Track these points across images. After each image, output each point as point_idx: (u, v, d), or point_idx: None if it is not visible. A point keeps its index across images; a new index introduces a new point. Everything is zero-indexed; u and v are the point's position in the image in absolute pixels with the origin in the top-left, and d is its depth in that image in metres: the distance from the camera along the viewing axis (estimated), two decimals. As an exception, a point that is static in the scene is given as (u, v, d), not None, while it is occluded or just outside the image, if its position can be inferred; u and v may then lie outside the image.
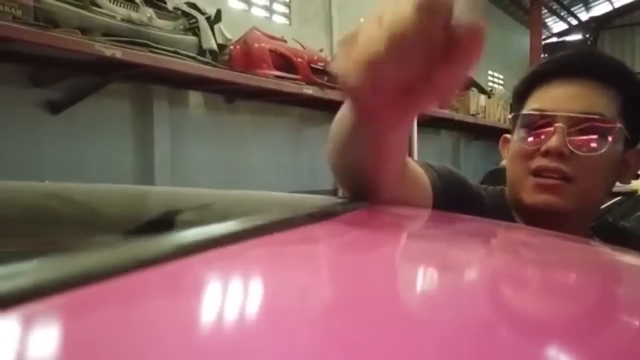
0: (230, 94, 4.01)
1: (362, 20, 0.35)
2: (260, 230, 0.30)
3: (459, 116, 6.33)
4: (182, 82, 3.51)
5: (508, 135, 0.72)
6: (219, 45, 3.55)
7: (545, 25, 11.33)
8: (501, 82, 10.17)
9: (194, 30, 3.34)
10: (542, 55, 9.62)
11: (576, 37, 12.36)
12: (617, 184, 0.68)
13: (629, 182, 0.67)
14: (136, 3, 2.99)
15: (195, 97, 3.92)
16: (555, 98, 0.63)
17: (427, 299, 0.23)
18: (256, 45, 3.78)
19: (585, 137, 0.62)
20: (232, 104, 4.15)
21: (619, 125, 0.62)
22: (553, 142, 0.61)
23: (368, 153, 0.43)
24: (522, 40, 9.87)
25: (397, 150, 0.45)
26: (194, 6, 3.54)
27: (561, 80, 0.64)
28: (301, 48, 4.15)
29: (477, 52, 0.32)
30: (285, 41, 4.12)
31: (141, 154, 3.49)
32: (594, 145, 0.61)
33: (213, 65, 3.35)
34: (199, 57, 3.26)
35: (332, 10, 5.44)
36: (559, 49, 11.69)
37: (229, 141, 4.12)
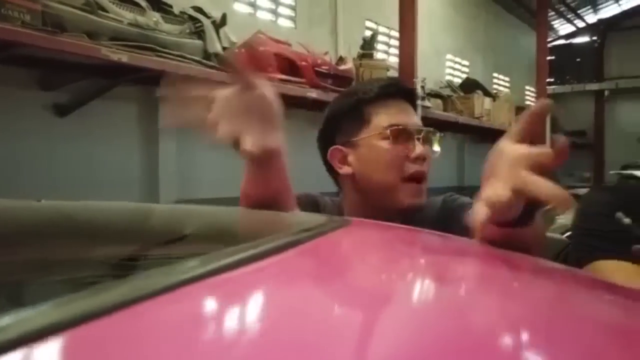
0: (235, 97, 4.04)
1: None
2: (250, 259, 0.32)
3: (462, 119, 6.33)
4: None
5: (341, 147, 0.85)
6: (224, 49, 3.58)
7: (551, 28, 11.27)
8: (507, 84, 10.14)
9: (200, 34, 3.37)
10: (549, 58, 9.58)
11: (583, 39, 12.31)
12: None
13: None
14: (143, 7, 3.03)
15: (200, 100, 3.95)
16: (396, 114, 0.83)
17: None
18: (261, 48, 3.82)
19: (427, 145, 0.84)
20: (237, 107, 4.18)
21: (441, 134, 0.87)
22: (421, 149, 0.80)
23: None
24: (528, 42, 9.84)
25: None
26: (199, 10, 3.57)
27: (389, 102, 0.84)
28: (305, 51, 4.18)
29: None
30: (290, 45, 4.14)
31: (147, 157, 3.53)
32: (436, 149, 0.86)
33: (219, 69, 3.38)
34: (204, 60, 3.30)
35: (337, 13, 5.46)
36: (566, 51, 11.58)
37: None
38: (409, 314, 0.27)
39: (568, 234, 2.66)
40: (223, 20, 3.69)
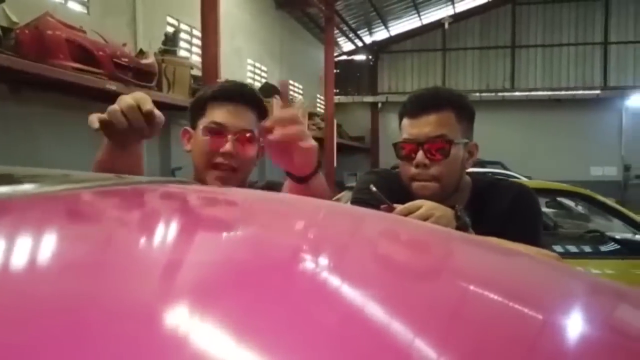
0: (17, 83, 3.57)
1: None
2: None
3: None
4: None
5: (189, 129, 1.04)
6: (2, 28, 3.15)
7: (337, 44, 12.69)
8: (301, 92, 11.04)
9: (-29, 8, 2.90)
10: (335, 71, 10.78)
11: (362, 57, 14.16)
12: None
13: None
14: None
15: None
16: (223, 113, 0.99)
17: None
18: (49, 32, 3.46)
19: (245, 145, 1.00)
20: (18, 94, 3.69)
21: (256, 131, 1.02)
22: (229, 146, 0.96)
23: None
24: (319, 55, 10.90)
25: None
26: (-31, -20, 3.07)
27: (223, 104, 0.99)
28: (103, 41, 3.93)
29: None
30: (84, 32, 3.84)
31: None
32: (249, 151, 1.01)
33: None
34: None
35: (136, 4, 5.22)
36: (348, 66, 13.09)
37: (14, 136, 3.65)
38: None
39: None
40: (0, -4, 3.24)
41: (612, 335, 0.25)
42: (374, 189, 0.88)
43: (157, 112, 0.78)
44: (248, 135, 0.98)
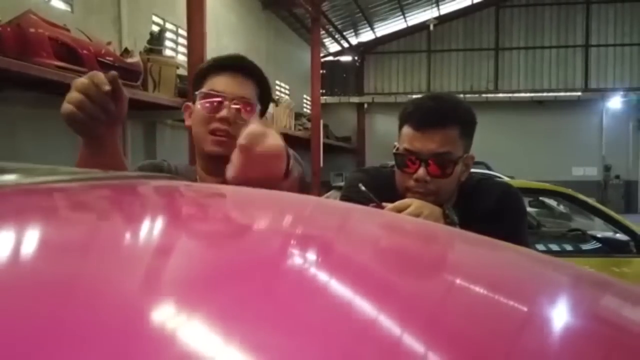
0: (-2, 82, 3.51)
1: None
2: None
3: (250, 121, 6.68)
4: None
5: (190, 104, 1.05)
6: (-17, 25, 3.09)
7: (323, 45, 12.71)
8: (287, 91, 11.03)
9: (-49, 4, 2.85)
10: (321, 71, 10.81)
11: (348, 58, 14.20)
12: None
13: None
14: None
15: (-52, 82, 3.31)
16: (221, 83, 0.98)
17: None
18: (32, 30, 3.40)
19: (243, 112, 0.98)
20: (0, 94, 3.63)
21: (258, 107, 1.00)
22: (225, 113, 0.95)
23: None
24: (305, 55, 10.90)
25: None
26: (-51, -24, 3.01)
27: (222, 73, 0.99)
28: (87, 39, 3.88)
29: None
30: (68, 30, 3.79)
31: None
32: (245, 116, 0.97)
33: (-23, 48, 2.91)
34: (-42, 36, 2.80)
35: (121, 2, 5.17)
36: (334, 67, 13.11)
37: (-4, 135, 3.59)
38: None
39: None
40: (-19, -8, 3.18)
41: (603, 325, 0.25)
42: (362, 187, 0.89)
43: (119, 87, 0.78)
44: (246, 103, 0.97)
